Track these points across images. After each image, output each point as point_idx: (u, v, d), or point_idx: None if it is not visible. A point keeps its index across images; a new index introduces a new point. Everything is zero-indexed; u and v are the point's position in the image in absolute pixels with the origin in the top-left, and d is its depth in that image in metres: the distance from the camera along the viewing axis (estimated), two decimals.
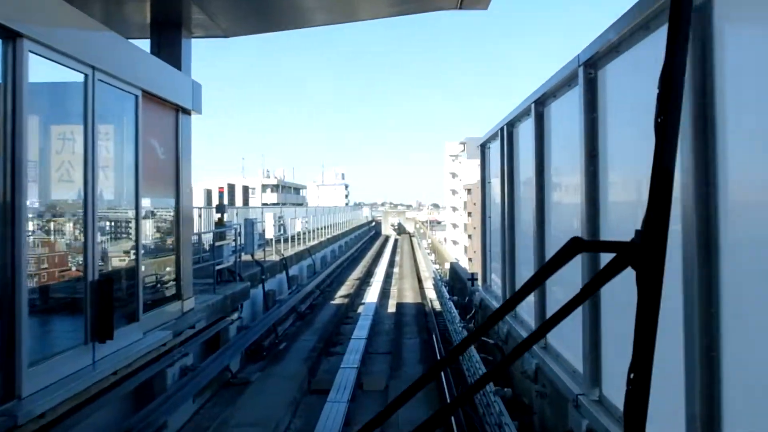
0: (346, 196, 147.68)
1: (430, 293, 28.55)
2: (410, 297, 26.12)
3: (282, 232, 23.98)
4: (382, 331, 19.71)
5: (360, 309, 23.70)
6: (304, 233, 28.60)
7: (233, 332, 15.24)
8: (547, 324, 1.22)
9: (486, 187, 12.90)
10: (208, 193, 28.21)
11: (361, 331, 18.02)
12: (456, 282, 24.60)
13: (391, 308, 24.31)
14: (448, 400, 11.39)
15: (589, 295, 1.18)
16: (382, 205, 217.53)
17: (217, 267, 14.18)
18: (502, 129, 10.46)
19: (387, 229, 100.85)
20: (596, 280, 1.13)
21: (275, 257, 21.76)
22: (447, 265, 28.56)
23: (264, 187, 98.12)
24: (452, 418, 9.90)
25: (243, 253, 19.21)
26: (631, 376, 1.11)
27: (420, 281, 33.32)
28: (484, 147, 13.10)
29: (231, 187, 28.80)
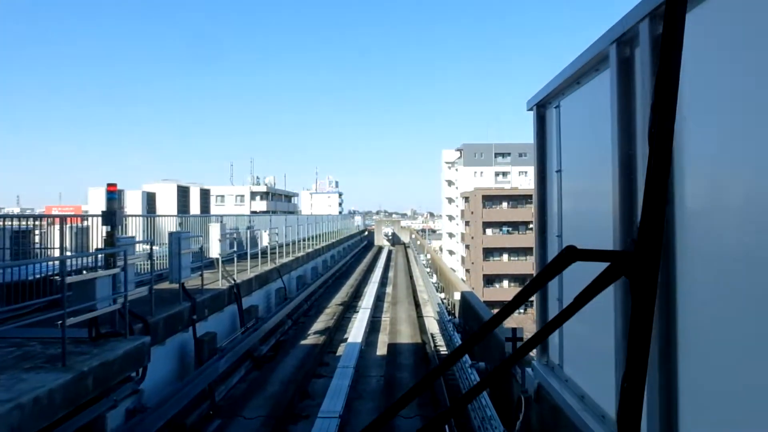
0: (340, 204, 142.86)
1: (432, 325, 22.64)
2: (406, 333, 20.18)
3: (235, 248, 18.04)
4: (367, 394, 13.86)
5: (340, 350, 17.85)
6: (273, 248, 22.65)
7: (119, 420, 9.39)
8: (541, 333, 1.22)
9: (549, 178, 7.06)
10: (150, 197, 22.28)
11: (334, 400, 12.17)
12: (472, 323, 18.69)
13: (381, 349, 18.42)
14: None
15: (583, 304, 1.15)
16: (377, 213, 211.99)
17: (74, 320, 8.25)
18: (619, 41, 4.65)
19: (380, 240, 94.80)
20: (590, 289, 1.13)
21: (222, 284, 15.86)
22: (457, 295, 22.50)
23: (253, 194, 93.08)
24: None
25: (169, 282, 13.43)
26: (625, 385, 1.11)
27: (417, 306, 27.40)
28: (541, 109, 7.30)
29: (184, 191, 22.90)
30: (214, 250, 15.92)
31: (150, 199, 21.15)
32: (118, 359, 8.65)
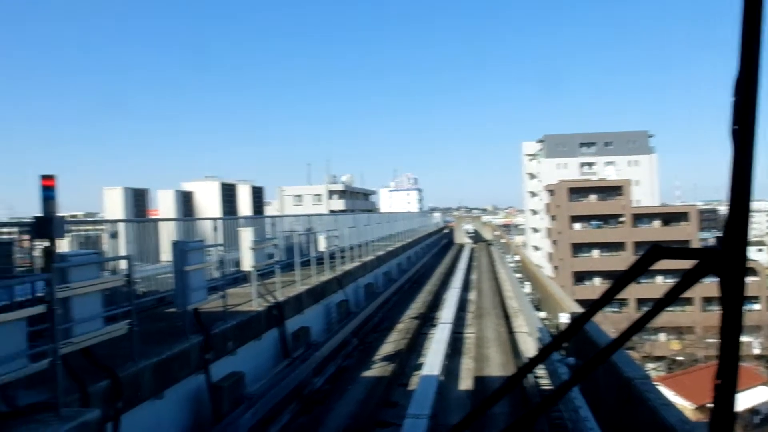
0: (420, 201, 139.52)
1: (527, 345, 18.48)
2: (497, 359, 15.94)
3: (278, 257, 14.55)
4: None
5: (413, 383, 14.12)
6: (333, 253, 19.10)
7: None
8: (629, 331, 1.23)
9: None
10: (186, 197, 19.15)
11: None
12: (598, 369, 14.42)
13: (465, 381, 14.54)
14: None
15: (670, 302, 1.18)
16: (457, 209, 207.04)
17: None
18: None
19: (461, 237, 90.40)
20: (678, 287, 1.15)
21: (257, 304, 12.40)
22: (563, 317, 18.14)
23: (330, 193, 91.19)
24: None
25: (175, 308, 9.98)
26: (718, 383, 1.12)
27: (507, 317, 23.29)
28: None
29: (229, 189, 19.72)
30: (247, 262, 12.46)
31: (186, 200, 18.10)
32: None
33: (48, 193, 6.86)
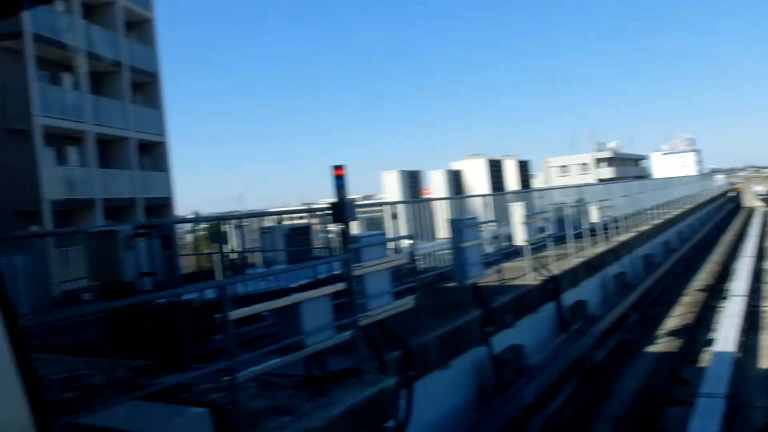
0: (698, 163, 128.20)
1: None
2: None
3: (550, 230, 14.37)
4: None
5: (704, 360, 13.12)
6: (606, 224, 18.31)
7: None
8: None
9: None
10: (455, 176, 19.68)
11: None
12: None
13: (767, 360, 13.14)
14: None
15: None
16: (743, 169, 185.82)
17: (268, 364, 5.57)
18: None
19: (749, 200, 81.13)
20: None
21: (532, 278, 12.42)
22: None
23: (598, 161, 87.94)
24: None
25: (455, 283, 10.43)
26: None
27: None
28: None
29: (495, 165, 19.88)
30: (519, 236, 12.53)
31: (455, 178, 18.66)
32: (339, 420, 5.83)
33: (339, 181, 7.59)
